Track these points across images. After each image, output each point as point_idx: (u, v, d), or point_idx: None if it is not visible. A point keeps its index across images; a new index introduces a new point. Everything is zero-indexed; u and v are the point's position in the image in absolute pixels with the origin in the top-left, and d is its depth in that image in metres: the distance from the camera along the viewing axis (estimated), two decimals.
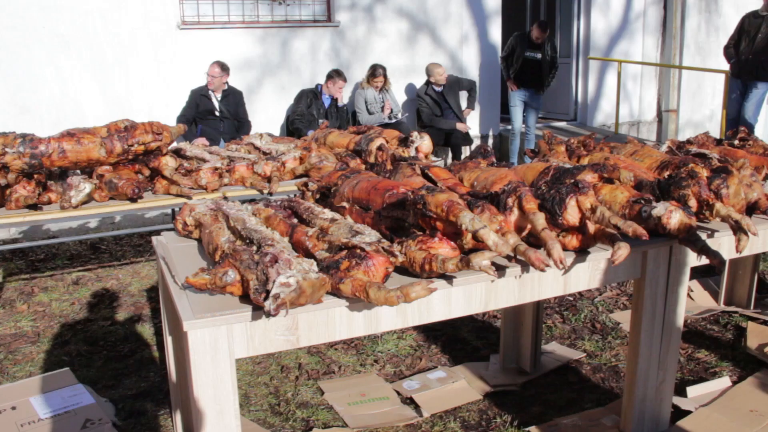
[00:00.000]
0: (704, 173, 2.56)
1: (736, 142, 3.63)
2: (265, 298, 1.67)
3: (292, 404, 3.07)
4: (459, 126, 7.54)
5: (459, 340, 3.67)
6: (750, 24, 7.19)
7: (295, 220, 2.27)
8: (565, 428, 2.81)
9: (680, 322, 2.58)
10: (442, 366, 3.37)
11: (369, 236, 1.93)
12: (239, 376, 3.29)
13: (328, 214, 2.23)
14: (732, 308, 4.08)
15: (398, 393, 3.11)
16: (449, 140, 7.52)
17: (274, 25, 7.22)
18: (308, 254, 2.01)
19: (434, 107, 7.50)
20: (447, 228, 1.85)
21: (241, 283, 1.83)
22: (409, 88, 8.01)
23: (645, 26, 9.70)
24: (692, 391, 3.05)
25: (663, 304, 2.45)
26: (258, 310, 1.78)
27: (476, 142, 8.38)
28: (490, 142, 8.67)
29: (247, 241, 2.09)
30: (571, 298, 4.15)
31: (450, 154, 7.85)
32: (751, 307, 4.08)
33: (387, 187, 2.13)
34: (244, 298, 1.84)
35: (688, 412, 2.87)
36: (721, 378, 3.19)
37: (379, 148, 3.29)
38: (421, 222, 1.93)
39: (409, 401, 3.05)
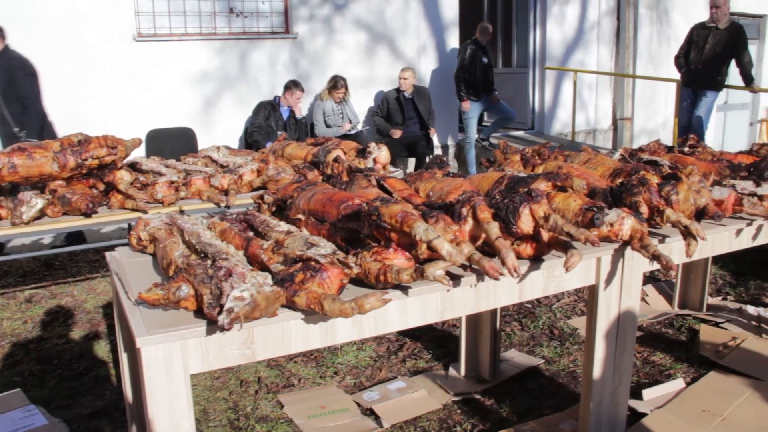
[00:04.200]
0: (655, 180, 2.62)
1: (686, 149, 3.72)
2: (219, 313, 1.66)
3: (251, 419, 3.04)
4: (393, 132, 7.53)
5: (419, 349, 3.68)
6: (698, 35, 7.39)
7: (251, 234, 2.26)
8: None
9: (634, 326, 2.62)
10: (402, 376, 3.37)
11: (324, 248, 1.92)
12: (198, 392, 3.25)
13: (283, 226, 2.22)
14: (685, 311, 4.17)
15: (358, 404, 3.11)
16: (414, 150, 7.55)
17: (231, 37, 7.20)
18: (263, 267, 2.00)
19: (396, 113, 7.52)
20: (402, 239, 1.86)
21: (195, 297, 1.80)
22: (368, 99, 8.04)
23: (599, 37, 9.89)
24: (648, 393, 3.11)
25: (617, 309, 2.49)
26: (213, 325, 1.76)
27: (437, 152, 8.44)
28: (451, 151, 8.74)
29: (202, 255, 2.07)
30: (530, 306, 4.19)
31: (411, 164, 7.89)
32: (704, 309, 4.17)
33: (342, 198, 2.13)
34: (199, 312, 1.82)
35: (644, 415, 2.92)
36: (676, 380, 3.26)
37: (335, 160, 3.29)
38: (376, 233, 1.93)
39: (369, 412, 3.05)
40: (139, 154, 5.06)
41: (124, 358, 2.52)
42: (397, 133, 7.48)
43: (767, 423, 2.86)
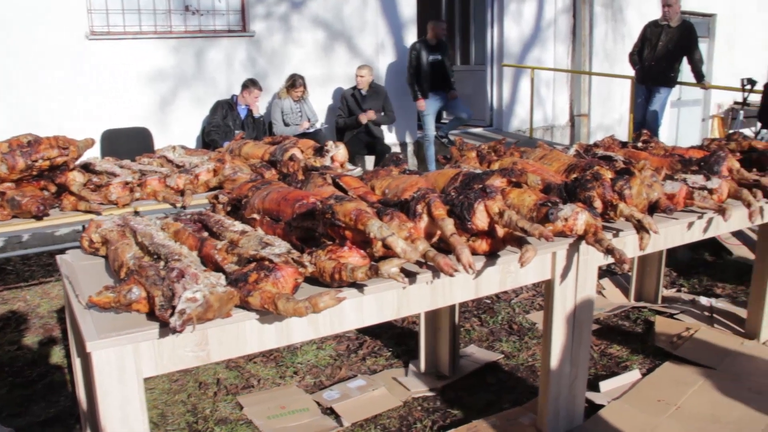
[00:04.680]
0: (608, 175, 2.66)
1: (640, 144, 3.79)
2: (171, 315, 1.63)
3: (210, 421, 3.00)
4: (361, 119, 7.48)
5: (379, 347, 3.68)
6: (651, 33, 7.53)
7: (206, 234, 2.24)
8: (484, 430, 2.85)
9: (590, 320, 2.66)
10: (362, 374, 3.37)
11: (279, 247, 1.91)
12: (155, 395, 3.20)
13: (238, 226, 2.20)
14: (641, 303, 4.25)
15: (318, 404, 3.09)
16: (373, 148, 7.54)
17: (187, 35, 7.10)
18: (218, 268, 1.98)
19: (357, 111, 7.51)
20: (356, 237, 1.86)
21: (147, 299, 1.78)
22: (327, 97, 8.01)
23: (556, 34, 10.01)
24: (605, 385, 3.15)
25: (573, 303, 2.52)
26: (166, 327, 1.74)
27: (396, 150, 8.45)
28: (411, 149, 8.76)
29: (155, 256, 2.04)
30: (489, 301, 4.23)
31: (370, 162, 7.88)
32: (659, 301, 4.25)
33: (297, 197, 2.12)
34: (152, 315, 1.79)
35: (601, 406, 2.96)
36: (632, 371, 3.31)
37: (291, 158, 3.27)
38: (330, 231, 1.93)
39: (330, 411, 3.04)
40: (94, 154, 4.97)
41: (77, 363, 2.47)
42: (368, 116, 7.45)
43: (719, 410, 2.92)
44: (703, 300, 4.22)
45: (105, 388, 1.73)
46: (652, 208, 2.69)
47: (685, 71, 7.81)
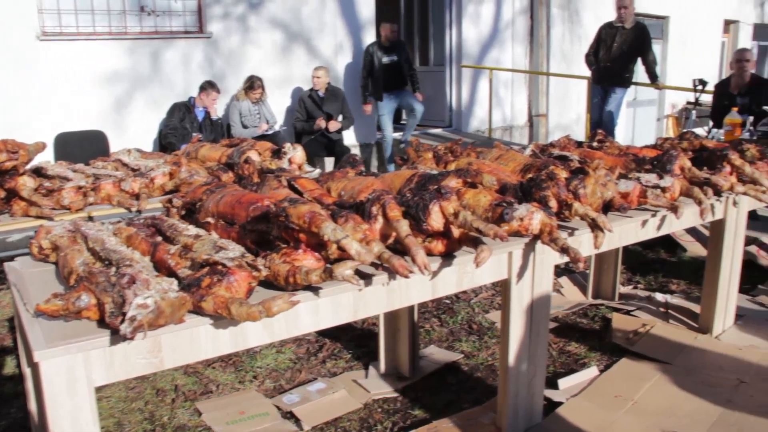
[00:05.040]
0: (563, 175, 2.69)
1: (595, 144, 3.84)
2: (122, 321, 1.60)
3: (168, 428, 2.96)
4: (331, 125, 7.49)
5: (339, 349, 3.67)
6: (606, 34, 7.65)
7: (159, 238, 2.20)
8: (445, 430, 2.86)
9: (547, 318, 2.68)
10: (323, 377, 3.35)
11: (233, 251, 1.89)
12: (112, 404, 3.15)
13: (192, 230, 2.17)
14: (599, 301, 4.31)
15: (278, 408, 3.07)
16: (333, 150, 7.52)
17: (143, 36, 7.00)
18: (171, 273, 1.95)
19: (314, 112, 7.48)
20: (311, 239, 1.84)
21: (97, 306, 1.74)
22: (285, 99, 7.97)
23: (514, 35, 10.11)
24: (563, 383, 3.18)
25: (530, 302, 2.54)
26: (117, 334, 1.70)
27: (354, 152, 8.44)
28: (372, 150, 8.76)
29: (106, 262, 2.00)
30: (448, 301, 4.24)
31: (330, 164, 7.85)
32: (616, 298, 4.31)
33: (251, 200, 2.10)
34: (103, 322, 1.75)
35: (560, 404, 2.99)
36: (590, 368, 3.35)
37: (246, 161, 3.24)
38: (285, 234, 1.91)
39: (290, 415, 3.02)
40: (47, 158, 4.86)
41: (27, 373, 2.41)
42: (332, 126, 7.45)
43: (674, 404, 2.98)
44: (659, 296, 4.29)
45: (54, 398, 1.69)
46: (607, 207, 2.72)
47: (640, 72, 7.95)
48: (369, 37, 8.52)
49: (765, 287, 4.56)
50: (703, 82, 7.34)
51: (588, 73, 8.15)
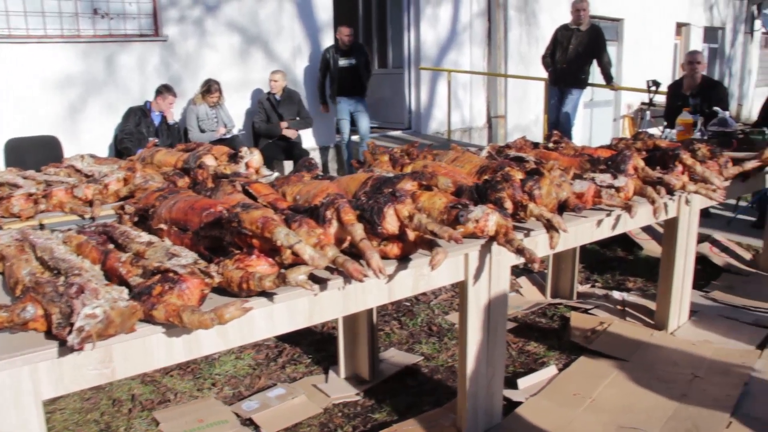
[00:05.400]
0: (519, 176, 2.71)
1: (551, 144, 3.88)
2: (69, 332, 1.56)
3: None
4: (284, 131, 7.47)
5: (299, 354, 3.64)
6: (562, 36, 7.75)
7: (111, 246, 2.16)
8: None
9: (505, 319, 2.70)
10: (282, 383, 3.33)
11: (185, 258, 1.86)
12: (66, 416, 3.08)
13: (144, 237, 2.13)
14: (557, 300, 4.35)
15: (237, 415, 3.03)
16: (291, 153, 7.47)
17: (97, 39, 6.87)
18: (122, 281, 1.91)
19: (272, 114, 7.44)
20: (264, 245, 1.82)
21: (44, 317, 1.70)
22: (243, 102, 7.90)
23: (472, 38, 10.17)
24: (522, 382, 3.21)
25: (487, 303, 2.55)
26: (66, 346, 1.66)
27: (314, 155, 8.41)
28: (331, 153, 8.73)
29: (55, 272, 1.95)
30: (408, 303, 4.24)
31: (289, 167, 7.80)
32: (574, 297, 4.36)
33: (204, 206, 2.07)
34: (51, 333, 1.71)
35: (519, 403, 3.01)
36: (549, 367, 3.38)
37: (200, 166, 3.20)
38: (238, 240, 1.89)
39: (249, 422, 2.98)
40: None
41: None
42: (289, 134, 7.42)
43: (631, 400, 3.02)
44: (616, 294, 4.35)
45: (0, 413, 1.64)
46: (562, 207, 2.75)
47: (597, 73, 8.07)
48: (327, 40, 8.50)
49: (718, 283, 4.66)
50: (656, 83, 7.49)
51: (545, 74, 8.24)
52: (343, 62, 7.81)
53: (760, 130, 4.80)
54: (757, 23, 18.11)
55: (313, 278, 1.96)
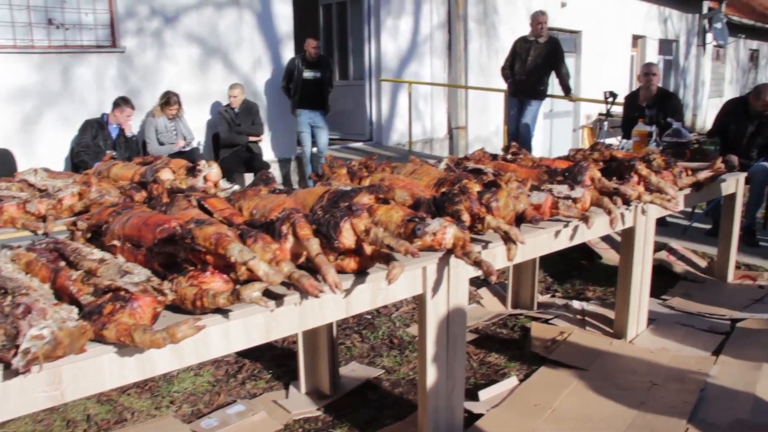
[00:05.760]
0: (476, 188, 2.72)
1: (509, 156, 3.90)
2: (15, 355, 1.52)
3: None
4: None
5: (259, 370, 3.60)
6: (521, 48, 7.84)
7: (62, 264, 2.11)
8: None
9: (464, 332, 2.70)
10: (242, 399, 3.28)
11: (138, 275, 1.82)
12: None
13: (97, 254, 2.09)
14: (518, 311, 4.37)
15: None
16: (252, 165, 7.41)
17: (52, 50, 6.74)
18: (73, 300, 1.87)
19: (233, 126, 7.39)
20: (219, 261, 1.80)
21: None
22: (203, 115, 7.83)
23: (432, 49, 10.24)
24: (484, 394, 3.21)
25: (446, 316, 2.55)
26: (11, 368, 1.61)
27: (275, 167, 8.37)
28: (292, 165, 8.69)
29: (2, 291, 1.90)
30: (369, 316, 4.23)
31: (250, 179, 7.74)
32: (535, 307, 4.39)
33: (158, 222, 2.03)
34: None
35: (480, 415, 3.01)
36: (510, 378, 3.39)
37: (154, 181, 3.16)
38: (192, 257, 1.86)
39: None
40: None
41: None
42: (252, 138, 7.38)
43: (591, 410, 3.04)
44: (576, 304, 4.39)
45: None
46: (520, 219, 2.77)
47: (556, 84, 8.17)
48: (287, 52, 8.48)
49: (675, 291, 4.73)
50: (613, 95, 7.62)
51: (505, 85, 8.32)
52: (308, 74, 7.78)
53: (713, 140, 4.91)
54: (709, 36, 18.60)
55: (270, 294, 1.94)
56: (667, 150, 4.49)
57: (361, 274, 2.14)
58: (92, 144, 6.40)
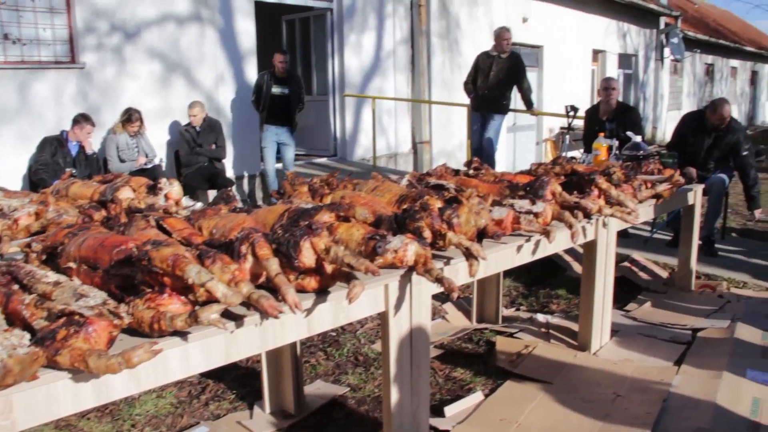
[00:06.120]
0: (437, 205, 2.72)
1: (471, 171, 3.92)
2: None
3: None
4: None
5: (222, 390, 3.55)
6: (483, 62, 7.91)
7: (16, 287, 2.05)
8: None
9: (428, 348, 2.69)
10: (206, 420, 3.23)
11: (93, 299, 1.78)
12: None
13: (51, 277, 2.04)
14: (483, 325, 4.38)
15: None
16: (215, 182, 7.34)
17: (8, 66, 6.61)
18: (26, 325, 1.82)
19: (192, 147, 7.31)
20: (176, 283, 1.77)
21: None
22: (165, 131, 7.74)
23: (395, 64, 10.28)
24: (449, 410, 3.20)
25: (409, 333, 2.54)
26: None
27: (240, 183, 8.31)
28: (257, 181, 8.64)
29: None
30: (334, 333, 4.20)
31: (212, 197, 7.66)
32: (499, 321, 4.40)
33: (114, 243, 2.00)
34: None
35: (447, 431, 3.00)
36: (475, 393, 3.38)
37: (112, 201, 3.11)
38: (149, 279, 1.82)
39: None
40: None
41: None
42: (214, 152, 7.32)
43: (556, 423, 3.05)
44: (540, 317, 4.42)
45: None
46: (482, 235, 2.77)
47: (518, 98, 8.25)
48: (251, 67, 8.44)
49: (637, 301, 4.79)
50: (574, 109, 7.73)
51: (468, 100, 8.38)
52: (276, 90, 7.71)
53: (671, 153, 5.00)
54: (666, 51, 19.04)
55: (229, 315, 1.91)
56: (627, 163, 4.55)
57: (322, 293, 2.12)
58: (51, 162, 6.29)
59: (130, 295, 1.91)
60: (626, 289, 5.03)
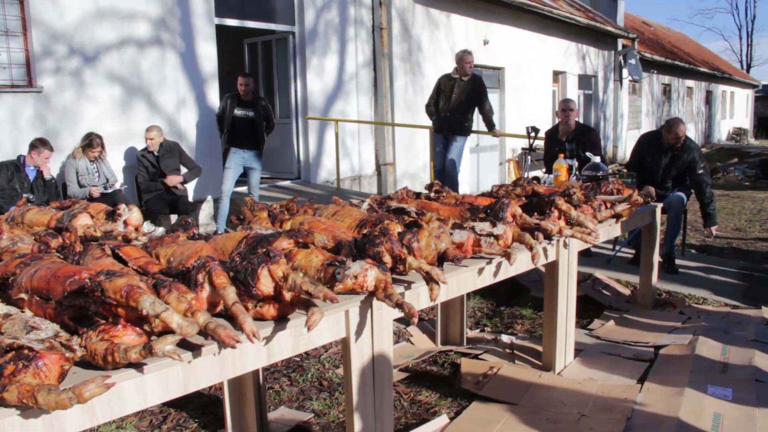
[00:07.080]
0: (397, 229, 2.71)
1: (432, 194, 3.93)
2: None
3: None
4: (169, 180, 7.25)
5: (184, 419, 3.48)
6: (445, 85, 7.98)
7: None
8: None
9: (390, 374, 2.67)
10: None
11: (45, 331, 1.74)
12: None
13: (1, 309, 1.99)
14: (448, 347, 4.37)
15: None
16: (177, 206, 7.24)
17: None
18: None
19: (152, 172, 7.22)
20: (131, 314, 1.73)
21: None
22: (125, 156, 7.65)
23: (358, 87, 10.32)
24: None
25: (371, 359, 2.51)
26: None
27: (203, 207, 8.23)
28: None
29: None
30: (298, 359, 4.15)
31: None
32: (464, 343, 4.40)
33: (67, 273, 1.95)
34: None
35: None
36: (440, 417, 3.37)
37: (66, 229, 3.05)
38: (103, 310, 1.78)
39: None
40: None
41: None
42: (174, 180, 7.21)
43: None
44: (505, 338, 4.43)
45: None
46: (442, 258, 2.77)
47: (480, 120, 8.32)
48: (212, 91, 8.40)
49: (600, 320, 4.83)
50: (535, 129, 7.83)
51: (430, 122, 8.43)
52: (239, 112, 7.58)
53: (629, 173, 5.08)
54: (624, 72, 19.47)
55: (187, 345, 1.88)
56: (587, 183, 4.61)
57: (281, 321, 2.10)
58: (8, 187, 6.17)
59: (84, 326, 1.86)
60: (590, 308, 5.07)
